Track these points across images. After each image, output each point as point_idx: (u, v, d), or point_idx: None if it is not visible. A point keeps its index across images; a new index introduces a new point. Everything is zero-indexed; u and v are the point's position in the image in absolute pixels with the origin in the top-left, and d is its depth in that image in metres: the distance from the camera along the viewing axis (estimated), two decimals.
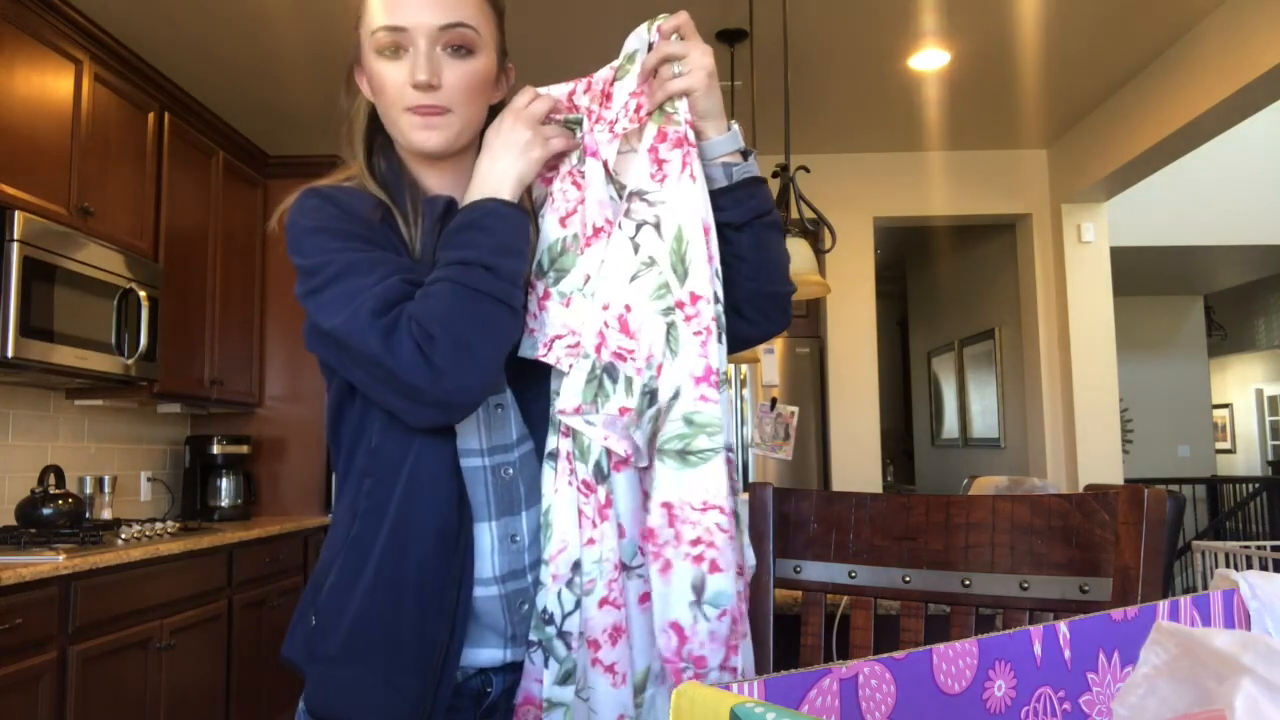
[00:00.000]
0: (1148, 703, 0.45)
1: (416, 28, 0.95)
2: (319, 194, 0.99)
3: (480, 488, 0.98)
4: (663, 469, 0.89)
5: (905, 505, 1.09)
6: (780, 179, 3.05)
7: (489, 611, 0.97)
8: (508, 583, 0.98)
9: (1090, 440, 4.71)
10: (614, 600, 0.93)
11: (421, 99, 0.96)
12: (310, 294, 0.93)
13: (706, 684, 0.38)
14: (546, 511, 0.96)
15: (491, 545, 0.98)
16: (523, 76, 1.10)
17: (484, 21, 0.99)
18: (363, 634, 0.95)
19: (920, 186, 5.00)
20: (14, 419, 3.11)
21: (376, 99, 1.00)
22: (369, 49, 0.98)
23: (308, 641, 0.98)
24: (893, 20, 3.53)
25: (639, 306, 0.92)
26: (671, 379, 0.90)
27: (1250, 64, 3.33)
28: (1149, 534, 0.90)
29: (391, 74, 0.96)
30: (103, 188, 3.08)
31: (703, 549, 0.87)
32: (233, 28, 3.41)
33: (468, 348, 0.87)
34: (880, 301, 5.18)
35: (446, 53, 0.96)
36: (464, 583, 0.95)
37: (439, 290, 0.89)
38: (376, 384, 0.91)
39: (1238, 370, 10.27)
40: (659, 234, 0.93)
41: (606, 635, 0.93)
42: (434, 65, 0.95)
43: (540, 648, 0.96)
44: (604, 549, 0.94)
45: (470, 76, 0.98)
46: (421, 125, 0.97)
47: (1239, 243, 5.76)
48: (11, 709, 2.20)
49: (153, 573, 2.78)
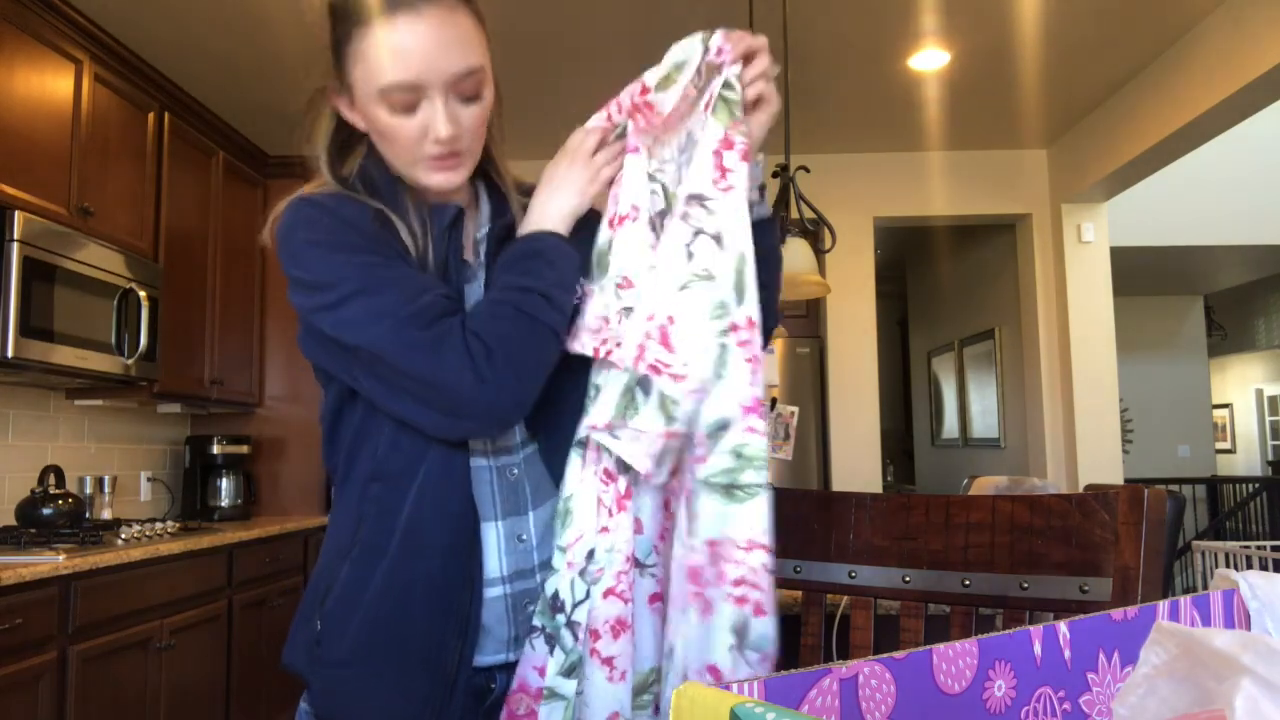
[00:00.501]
0: (1148, 703, 0.45)
1: (431, 82, 0.92)
2: (314, 203, 0.97)
3: (486, 488, 0.98)
4: (709, 504, 0.86)
5: (905, 505, 1.09)
6: (780, 179, 3.05)
7: (495, 612, 0.97)
8: (514, 583, 0.98)
9: (1090, 440, 4.71)
10: (620, 593, 0.91)
11: (443, 150, 0.95)
12: (323, 309, 0.92)
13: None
14: (569, 499, 0.95)
15: (498, 545, 0.98)
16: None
17: (483, 51, 0.96)
18: (373, 639, 0.94)
19: (920, 186, 5.00)
20: (14, 419, 3.11)
21: (383, 143, 0.98)
22: (372, 98, 0.93)
23: (313, 646, 0.97)
24: (893, 20, 3.53)
25: (685, 320, 0.89)
26: (718, 406, 0.87)
27: (1250, 64, 3.33)
28: (1149, 534, 0.90)
29: (406, 126, 0.94)
30: (103, 188, 3.08)
31: (746, 589, 0.84)
32: (233, 28, 3.41)
33: (522, 368, 0.91)
34: (880, 301, 5.18)
35: (459, 100, 0.94)
36: (474, 585, 0.95)
37: (504, 312, 0.92)
38: (406, 397, 0.91)
39: (1238, 370, 10.27)
40: (720, 246, 0.90)
41: (608, 627, 0.91)
42: (453, 116, 0.94)
43: (543, 634, 0.93)
44: (616, 539, 0.92)
45: (482, 115, 0.98)
46: (441, 169, 0.97)
47: (1239, 243, 5.76)
48: (11, 709, 2.20)
49: (153, 573, 2.78)
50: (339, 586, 0.97)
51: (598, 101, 1.02)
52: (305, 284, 0.94)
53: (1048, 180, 4.99)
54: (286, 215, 0.97)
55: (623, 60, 3.81)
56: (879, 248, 5.61)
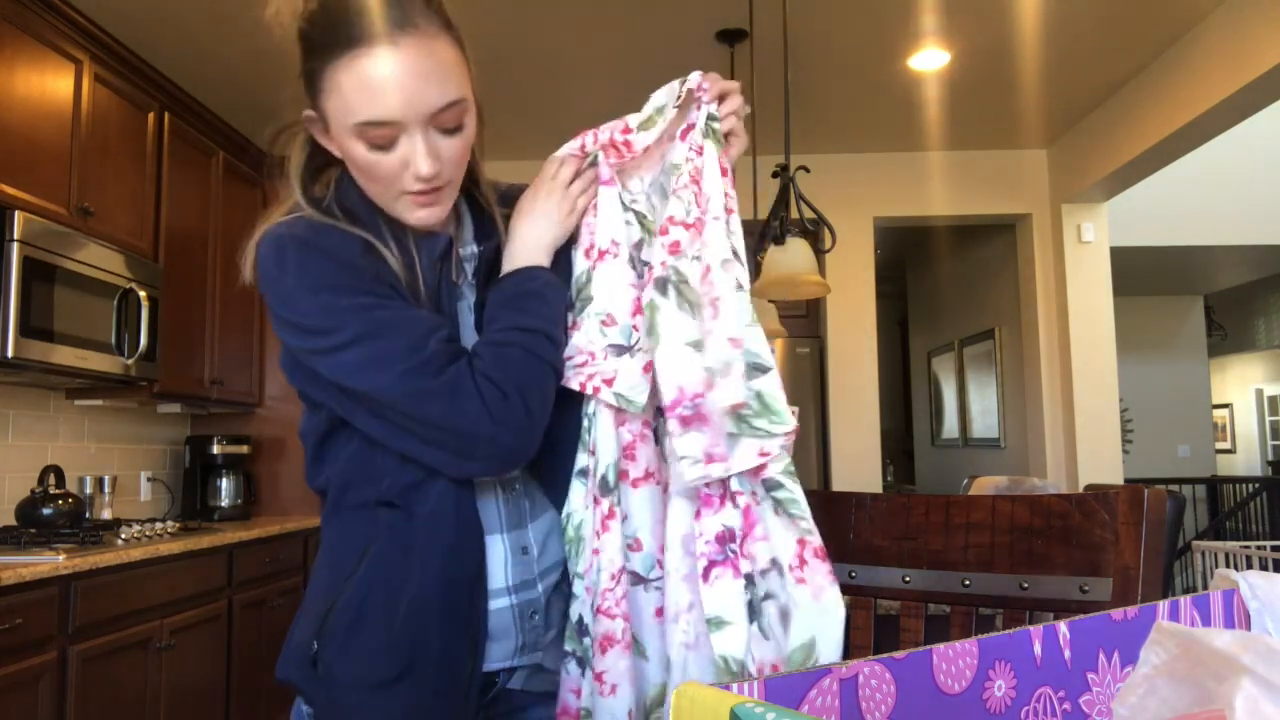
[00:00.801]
0: (1148, 703, 0.45)
1: (410, 119, 0.87)
2: (298, 241, 0.92)
3: (492, 502, 1.00)
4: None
5: (905, 505, 1.09)
6: (780, 179, 3.05)
7: (502, 622, 0.98)
8: (519, 593, 0.99)
9: (1090, 440, 4.71)
10: (607, 609, 0.94)
11: (424, 186, 0.91)
12: (320, 353, 0.90)
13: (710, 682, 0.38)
14: (579, 526, 0.99)
15: (505, 557, 0.99)
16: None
17: (464, 79, 0.91)
18: (388, 660, 0.94)
19: (920, 186, 5.00)
20: (14, 419, 3.11)
21: (362, 180, 0.94)
22: (348, 133, 0.89)
23: (314, 663, 0.96)
24: (893, 20, 3.53)
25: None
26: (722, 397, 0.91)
27: (1250, 64, 3.33)
28: (1149, 534, 0.90)
29: (385, 162, 0.90)
30: (103, 188, 3.08)
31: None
32: (233, 28, 3.41)
33: (534, 410, 0.92)
34: (880, 301, 5.18)
35: (439, 133, 0.90)
36: (483, 599, 0.96)
37: (513, 355, 0.93)
38: (413, 439, 0.91)
39: (1238, 370, 10.27)
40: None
41: (597, 643, 0.94)
42: (434, 151, 0.90)
43: (574, 658, 0.98)
44: (603, 559, 0.95)
45: (464, 147, 0.94)
46: (422, 204, 0.94)
47: (1239, 243, 5.76)
48: (11, 709, 2.20)
49: (153, 573, 2.78)
50: (344, 609, 0.95)
51: (593, 104, 1.02)
52: (300, 328, 0.91)
53: (1048, 180, 4.99)
54: (269, 254, 0.92)
55: (622, 61, 3.82)
56: (879, 248, 5.61)
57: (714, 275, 0.92)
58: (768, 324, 3.55)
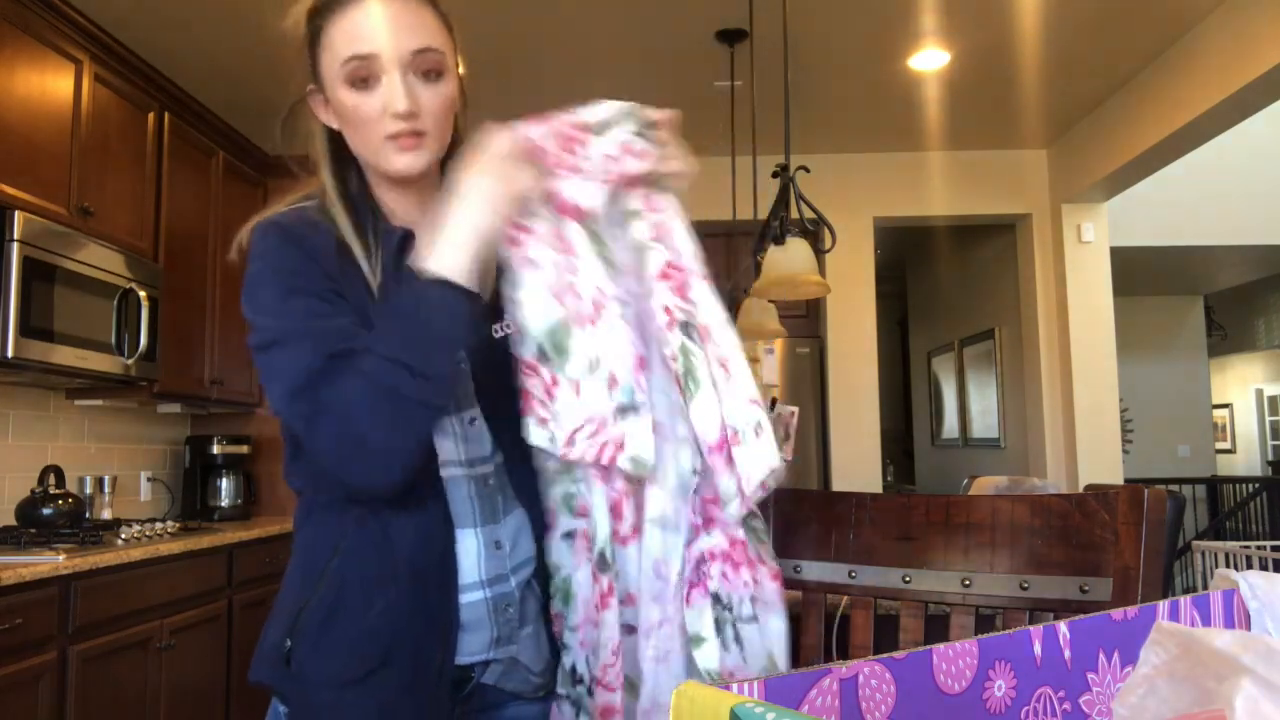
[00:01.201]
0: (1148, 703, 0.45)
1: (388, 55, 0.94)
2: (281, 231, 0.98)
3: (465, 497, 1.00)
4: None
5: (905, 505, 1.09)
6: (780, 179, 3.05)
7: (477, 615, 0.99)
8: (493, 586, 1.00)
9: (1090, 440, 4.71)
10: (607, 684, 0.94)
11: (402, 126, 0.95)
12: (253, 349, 0.95)
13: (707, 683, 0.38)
14: (567, 579, 0.99)
15: (478, 551, 1.00)
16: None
17: (446, 42, 0.99)
18: (357, 653, 0.95)
19: (920, 186, 5.00)
20: (14, 419, 3.11)
21: (349, 129, 0.99)
22: (337, 80, 0.96)
23: (287, 662, 0.97)
24: (893, 20, 3.53)
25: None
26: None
27: (1250, 64, 3.33)
28: (1149, 534, 0.90)
29: (366, 104, 0.95)
30: (103, 188, 3.08)
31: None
32: (233, 28, 3.41)
33: (369, 444, 0.87)
34: (880, 301, 5.18)
35: (418, 78, 0.96)
36: (453, 594, 0.97)
37: (355, 386, 0.87)
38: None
39: (1238, 370, 10.27)
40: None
41: (598, 713, 0.95)
42: (411, 92, 0.95)
43: (568, 700, 0.98)
44: (603, 636, 0.94)
45: (443, 99, 0.98)
46: (403, 150, 0.96)
47: (1239, 243, 5.75)
48: (11, 709, 2.20)
49: (153, 573, 2.78)
50: (316, 607, 0.97)
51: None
52: (248, 320, 0.96)
53: (1048, 180, 4.99)
54: (255, 244, 0.98)
55: (623, 61, 3.82)
56: (879, 248, 5.61)
57: (716, 335, 0.92)
58: (768, 324, 3.55)
